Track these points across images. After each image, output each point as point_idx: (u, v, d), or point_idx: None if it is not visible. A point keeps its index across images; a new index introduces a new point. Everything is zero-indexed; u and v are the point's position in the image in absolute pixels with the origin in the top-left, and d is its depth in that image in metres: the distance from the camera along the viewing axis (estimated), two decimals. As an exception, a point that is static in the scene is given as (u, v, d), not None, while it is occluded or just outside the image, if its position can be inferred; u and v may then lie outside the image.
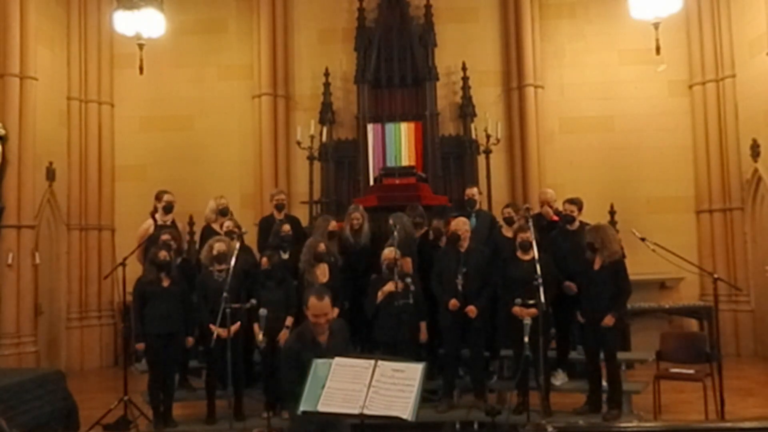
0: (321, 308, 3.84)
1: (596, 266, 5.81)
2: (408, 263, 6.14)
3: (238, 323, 5.84)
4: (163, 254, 5.99)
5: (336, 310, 5.64)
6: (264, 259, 6.17)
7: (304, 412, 3.03)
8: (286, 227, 6.70)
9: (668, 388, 6.20)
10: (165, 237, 6.34)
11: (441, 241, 6.52)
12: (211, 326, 5.69)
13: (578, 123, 10.04)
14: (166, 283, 5.95)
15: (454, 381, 6.12)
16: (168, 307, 5.89)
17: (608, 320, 5.64)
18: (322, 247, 6.19)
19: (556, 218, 6.57)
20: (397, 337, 5.80)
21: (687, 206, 9.92)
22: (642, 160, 9.88)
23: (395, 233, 6.05)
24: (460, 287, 5.93)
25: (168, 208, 6.99)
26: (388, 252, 5.95)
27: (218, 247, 6.12)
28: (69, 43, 9.86)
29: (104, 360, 9.77)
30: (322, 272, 6.16)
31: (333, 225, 6.76)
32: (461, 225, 6.19)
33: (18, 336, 8.25)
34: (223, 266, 6.00)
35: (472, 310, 5.88)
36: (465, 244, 6.11)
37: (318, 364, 3.12)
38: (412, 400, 2.94)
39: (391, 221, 6.32)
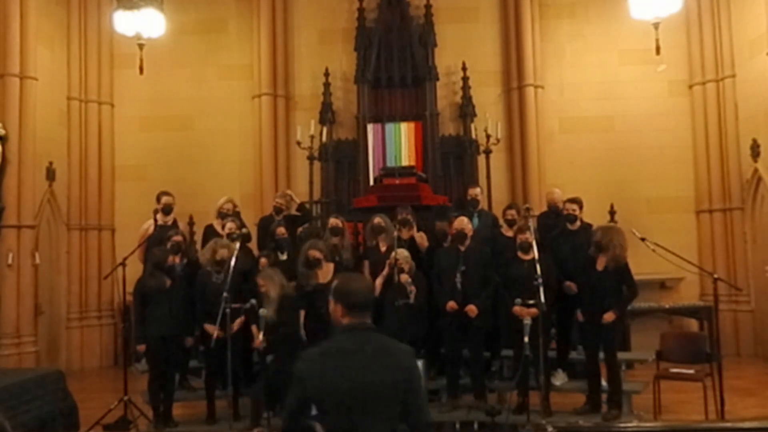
0: None
1: (599, 266, 5.80)
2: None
3: (240, 319, 5.86)
4: (170, 259, 6.01)
5: None
6: (263, 260, 6.17)
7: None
8: (280, 229, 6.70)
9: (668, 388, 6.20)
10: (177, 238, 6.34)
11: (447, 242, 6.52)
12: (207, 326, 5.71)
13: (578, 123, 10.03)
14: (167, 285, 5.95)
15: (457, 381, 6.11)
16: (170, 309, 5.90)
17: (608, 316, 5.65)
18: (315, 254, 6.16)
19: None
20: (398, 337, 5.78)
21: (687, 206, 9.92)
22: (642, 160, 9.88)
23: (395, 233, 6.06)
24: (459, 286, 5.95)
25: (166, 210, 7.05)
26: (401, 253, 5.95)
27: (221, 253, 6.10)
28: (69, 43, 9.85)
29: (104, 360, 9.77)
30: (324, 273, 6.17)
31: (333, 222, 6.73)
32: (466, 224, 6.20)
33: (18, 336, 8.25)
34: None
35: (472, 309, 5.88)
36: (467, 243, 6.12)
37: None
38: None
39: (382, 221, 6.34)
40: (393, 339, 2.78)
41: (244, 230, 6.62)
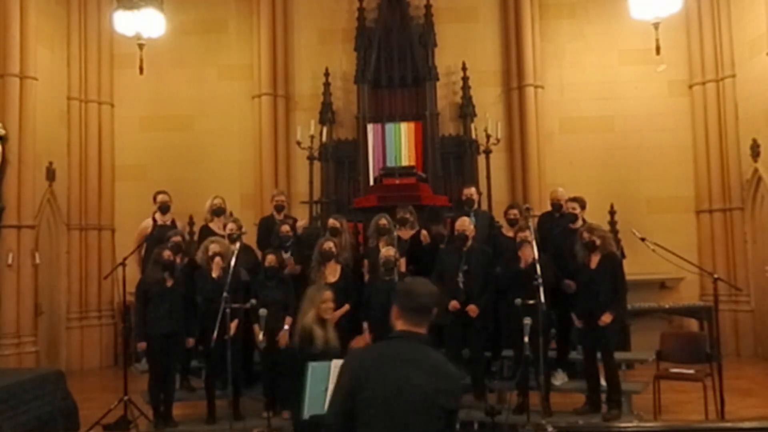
0: None
1: (593, 265, 5.81)
2: (402, 263, 6.20)
3: (236, 321, 5.85)
4: (167, 254, 6.01)
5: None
6: (271, 257, 6.18)
7: (312, 416, 3.01)
8: (285, 227, 6.72)
9: (668, 388, 6.21)
10: (177, 239, 6.36)
11: (444, 244, 6.52)
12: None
13: (578, 123, 10.03)
14: (169, 284, 5.95)
15: None
16: (170, 307, 5.89)
17: (606, 318, 5.64)
18: (329, 245, 6.19)
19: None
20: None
21: (687, 206, 9.92)
22: (642, 160, 9.87)
23: (395, 233, 6.06)
24: (461, 285, 5.95)
25: (163, 209, 7.06)
26: (386, 251, 5.97)
27: (213, 248, 6.14)
28: (69, 43, 9.85)
29: (104, 360, 9.77)
30: (332, 271, 6.16)
31: (332, 222, 6.75)
32: (467, 224, 6.20)
33: (18, 336, 8.25)
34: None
35: (473, 309, 5.90)
36: (469, 243, 6.12)
37: (315, 367, 3.10)
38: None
39: (385, 222, 6.35)
40: (446, 359, 2.51)
41: (242, 230, 6.62)
